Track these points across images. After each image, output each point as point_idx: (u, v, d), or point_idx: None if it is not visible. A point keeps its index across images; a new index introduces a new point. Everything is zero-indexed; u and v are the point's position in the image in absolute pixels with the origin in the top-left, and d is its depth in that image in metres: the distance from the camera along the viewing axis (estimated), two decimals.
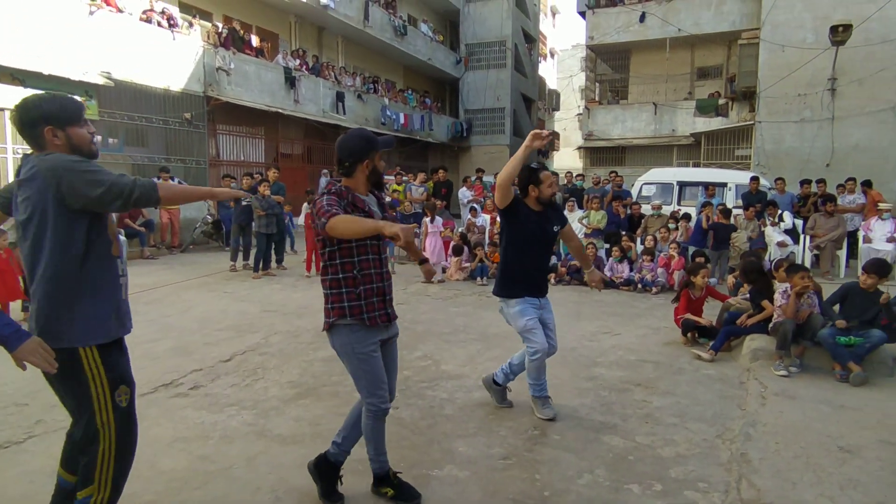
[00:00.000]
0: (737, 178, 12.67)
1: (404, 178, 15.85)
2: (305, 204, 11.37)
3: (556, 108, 39.31)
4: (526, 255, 3.80)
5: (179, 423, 3.78)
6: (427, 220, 9.91)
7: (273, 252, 9.89)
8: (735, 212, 10.51)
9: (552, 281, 9.48)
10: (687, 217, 10.35)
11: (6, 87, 9.76)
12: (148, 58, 12.24)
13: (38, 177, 2.04)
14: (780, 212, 10.11)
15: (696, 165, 18.20)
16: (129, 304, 2.36)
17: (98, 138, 9.70)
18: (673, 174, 13.25)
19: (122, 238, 9.83)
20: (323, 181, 16.64)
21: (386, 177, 16.57)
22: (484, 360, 5.19)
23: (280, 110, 15.88)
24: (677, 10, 19.16)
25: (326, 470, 2.88)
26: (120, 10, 11.79)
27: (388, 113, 20.97)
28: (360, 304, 2.65)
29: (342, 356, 2.75)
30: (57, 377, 2.10)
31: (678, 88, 20.63)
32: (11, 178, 9.99)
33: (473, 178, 14.26)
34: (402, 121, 21.75)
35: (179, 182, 11.95)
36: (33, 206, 2.05)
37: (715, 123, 18.51)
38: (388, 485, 2.85)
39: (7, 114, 9.84)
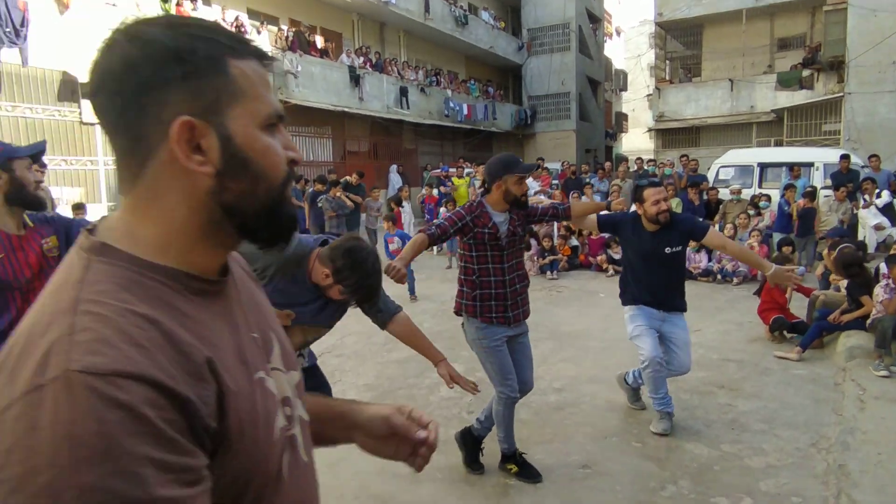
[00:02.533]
0: (825, 156, 11.84)
1: (467, 169, 15.86)
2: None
3: (624, 89, 38.07)
4: (639, 273, 3.72)
5: None
6: None
7: None
8: (824, 193, 9.86)
9: None
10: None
11: None
12: None
13: None
14: (877, 189, 9.24)
15: (779, 143, 17.16)
16: None
17: None
18: (753, 155, 12.54)
19: None
20: (392, 177, 16.88)
21: (448, 170, 16.69)
22: (557, 361, 5.12)
23: (346, 109, 16.18)
24: None
25: (471, 441, 3.28)
26: None
27: (452, 104, 20.94)
28: (474, 305, 3.01)
29: (471, 347, 3.15)
30: None
31: (756, 62, 19.45)
32: (104, 190, 10.71)
33: (538, 168, 14.04)
34: (465, 112, 21.66)
35: None
36: None
37: (799, 97, 17.35)
38: (514, 462, 3.18)
39: (98, 128, 10.54)
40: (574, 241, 10.25)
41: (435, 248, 11.91)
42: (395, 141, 19.79)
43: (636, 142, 39.86)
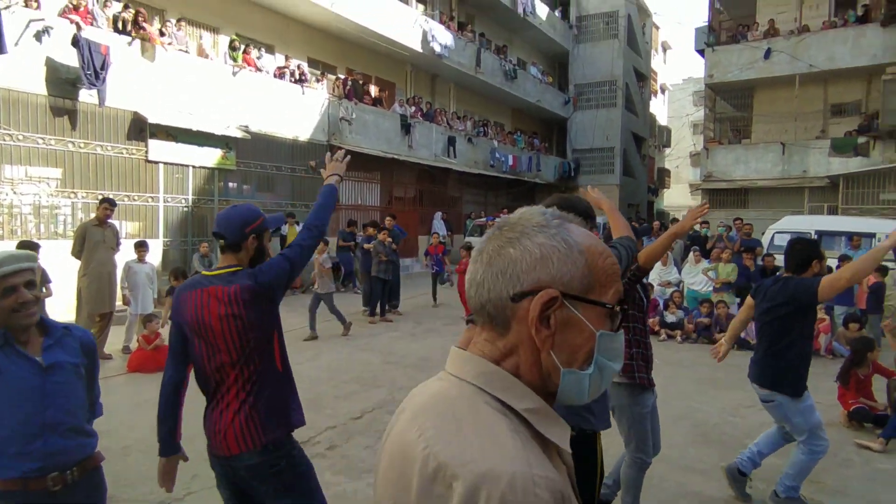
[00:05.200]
0: (886, 227, 11.44)
1: None
2: (461, 251, 11.31)
3: (667, 145, 38.03)
4: (809, 346, 3.57)
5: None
6: None
7: (388, 297, 10.13)
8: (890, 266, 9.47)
9: (678, 339, 8.96)
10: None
11: (160, 142, 10.83)
12: (279, 111, 13.19)
13: None
14: None
15: (832, 210, 16.70)
16: None
17: (233, 185, 10.35)
18: (810, 222, 12.21)
19: None
20: (437, 224, 16.97)
21: (492, 220, 16.75)
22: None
23: (396, 156, 16.49)
24: (807, 45, 17.96)
25: None
26: (259, 69, 12.83)
27: (497, 155, 21.18)
28: (631, 364, 3.00)
29: (618, 411, 3.11)
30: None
31: (809, 127, 19.19)
32: (161, 226, 11.01)
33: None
34: (510, 162, 21.87)
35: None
36: None
37: (854, 164, 16.97)
38: None
39: (161, 167, 10.93)
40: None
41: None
42: (440, 188, 20.00)
43: (678, 198, 39.50)
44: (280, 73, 13.56)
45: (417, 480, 0.75)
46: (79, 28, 9.23)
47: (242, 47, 12.66)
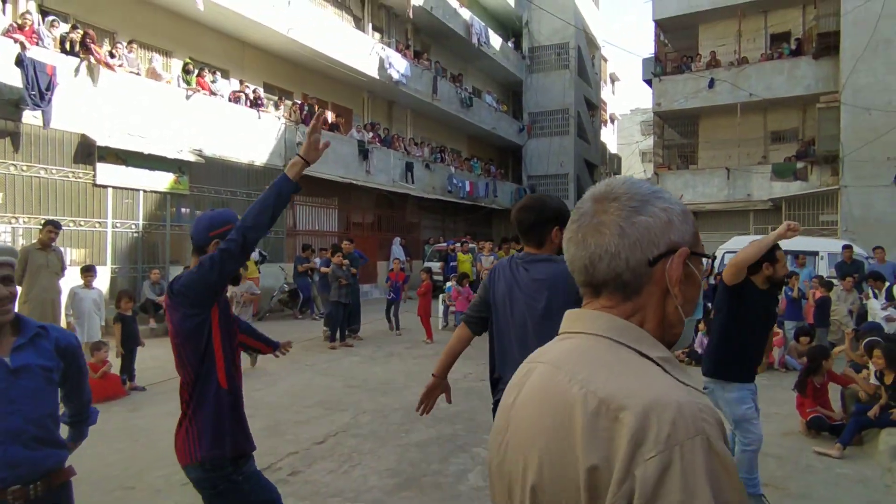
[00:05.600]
0: (828, 246, 12.02)
1: (471, 245, 15.93)
2: (420, 274, 11.36)
3: (618, 172, 39.18)
4: (749, 336, 3.63)
5: None
6: None
7: (348, 322, 9.94)
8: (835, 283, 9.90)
9: None
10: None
11: (110, 166, 10.47)
12: (235, 135, 12.98)
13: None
14: (887, 285, 9.33)
15: None
16: None
17: (185, 210, 10.08)
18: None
19: None
20: (396, 250, 16.86)
21: (451, 244, 16.79)
22: None
23: (353, 181, 16.40)
24: (748, 75, 18.93)
25: None
26: (213, 93, 12.63)
27: (455, 181, 21.34)
28: None
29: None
30: None
31: (751, 153, 20.10)
32: (109, 252, 10.58)
33: None
34: (467, 188, 22.06)
35: (260, 252, 12.37)
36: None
37: (794, 188, 17.82)
38: None
39: (110, 191, 10.54)
40: None
41: (443, 322, 11.73)
42: (398, 214, 19.96)
43: None
44: (235, 98, 13.38)
45: (581, 419, 0.76)
46: (23, 48, 8.90)
47: (196, 71, 12.46)
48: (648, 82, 21.35)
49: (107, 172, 10.43)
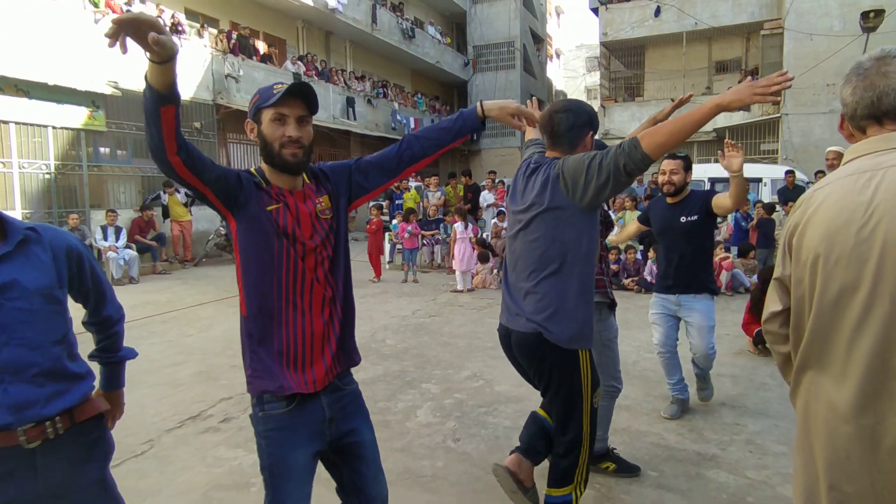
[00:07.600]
0: (771, 172, 12.15)
1: (414, 183, 15.44)
2: (370, 210, 10.90)
3: None
4: (661, 254, 3.91)
5: (214, 465, 3.29)
6: (458, 225, 9.41)
7: None
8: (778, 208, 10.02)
9: None
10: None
11: (10, 98, 9.37)
12: None
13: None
14: None
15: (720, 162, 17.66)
16: None
17: (104, 150, 9.13)
18: (703, 171, 12.72)
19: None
20: None
21: (396, 183, 16.26)
22: None
23: None
24: (693, 3, 18.62)
25: (612, 458, 3.14)
26: None
27: (399, 117, 20.56)
28: (602, 279, 3.01)
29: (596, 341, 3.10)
30: (555, 378, 2.19)
31: (696, 84, 20.05)
32: (18, 192, 9.61)
33: (496, 181, 13.79)
34: (412, 125, 21.32)
35: (186, 194, 11.55)
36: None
37: (737, 118, 17.94)
38: (609, 460, 3.11)
39: (13, 126, 9.47)
40: None
41: (389, 259, 11.40)
42: (341, 153, 19.15)
43: None
44: None
45: None
46: None
47: None
48: (595, 11, 20.79)
49: (7, 106, 9.33)
